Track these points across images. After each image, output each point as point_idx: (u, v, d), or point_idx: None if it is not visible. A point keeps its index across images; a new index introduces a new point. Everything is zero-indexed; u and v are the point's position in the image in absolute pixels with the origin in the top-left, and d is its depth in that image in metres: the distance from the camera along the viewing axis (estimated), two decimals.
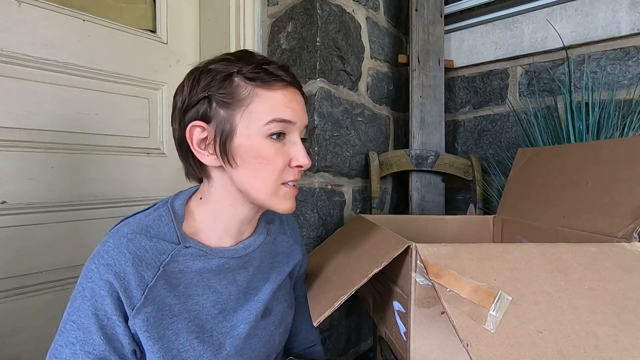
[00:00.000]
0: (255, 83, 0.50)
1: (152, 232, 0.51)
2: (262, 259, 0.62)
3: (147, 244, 0.49)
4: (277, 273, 0.64)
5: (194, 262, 0.52)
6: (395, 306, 0.63)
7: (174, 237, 0.52)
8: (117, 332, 0.46)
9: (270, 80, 0.51)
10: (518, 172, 0.98)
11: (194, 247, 0.52)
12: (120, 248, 0.47)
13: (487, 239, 1.03)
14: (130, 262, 0.47)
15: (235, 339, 0.55)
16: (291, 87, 0.54)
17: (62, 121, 0.92)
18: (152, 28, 1.14)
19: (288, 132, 0.53)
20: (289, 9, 1.12)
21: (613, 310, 0.45)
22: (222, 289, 0.55)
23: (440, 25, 1.34)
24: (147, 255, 0.49)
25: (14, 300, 0.85)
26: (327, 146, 1.08)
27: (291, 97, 0.53)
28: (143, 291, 0.47)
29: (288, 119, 0.52)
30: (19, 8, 0.86)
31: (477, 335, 0.42)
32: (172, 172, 1.16)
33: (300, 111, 0.54)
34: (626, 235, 0.59)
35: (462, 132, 1.42)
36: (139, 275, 0.47)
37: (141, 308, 0.47)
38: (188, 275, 0.52)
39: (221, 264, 0.55)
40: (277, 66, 0.53)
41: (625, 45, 1.11)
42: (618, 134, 1.05)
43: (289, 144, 0.53)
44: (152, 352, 0.48)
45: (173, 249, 0.51)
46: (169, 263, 0.50)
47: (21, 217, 0.86)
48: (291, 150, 0.53)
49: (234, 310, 0.56)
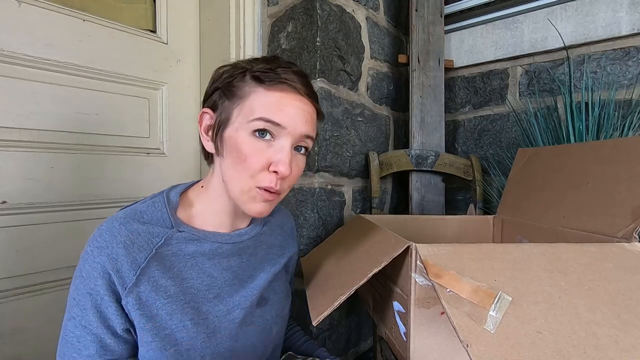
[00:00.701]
0: (258, 81, 0.52)
1: (145, 217, 0.53)
2: (257, 248, 0.63)
3: (140, 227, 0.51)
4: (272, 264, 0.65)
5: (186, 245, 0.54)
6: (395, 306, 0.63)
7: (167, 222, 0.54)
8: (109, 311, 0.49)
9: (272, 81, 0.52)
10: (518, 172, 0.98)
11: (187, 232, 0.54)
12: (112, 231, 0.50)
13: (487, 239, 1.03)
14: (122, 244, 0.49)
15: (230, 323, 0.56)
16: (295, 92, 0.52)
17: (62, 121, 0.93)
18: (152, 28, 1.14)
19: (277, 135, 0.52)
20: (289, 9, 1.12)
21: (613, 311, 0.45)
22: (217, 274, 0.56)
23: (440, 25, 1.34)
24: (140, 238, 0.51)
25: (14, 300, 0.85)
26: (327, 146, 1.09)
27: (288, 102, 0.52)
28: (135, 272, 0.49)
29: (276, 122, 0.51)
30: (19, 8, 0.86)
31: (477, 336, 0.42)
32: (172, 172, 1.16)
33: (296, 118, 0.52)
34: (626, 235, 0.59)
35: (462, 132, 1.42)
36: (130, 257, 0.49)
37: (133, 287, 0.49)
38: (182, 258, 0.53)
39: (214, 248, 0.56)
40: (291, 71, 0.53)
41: (625, 45, 1.11)
42: (618, 134, 1.05)
43: (275, 148, 0.52)
44: (145, 330, 0.49)
45: (166, 233, 0.53)
46: (162, 246, 0.52)
47: (21, 217, 0.86)
48: (275, 155, 0.51)
49: (229, 296, 0.57)
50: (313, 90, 0.56)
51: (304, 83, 0.54)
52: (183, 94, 1.19)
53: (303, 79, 0.54)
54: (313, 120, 0.55)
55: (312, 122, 0.55)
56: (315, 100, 0.56)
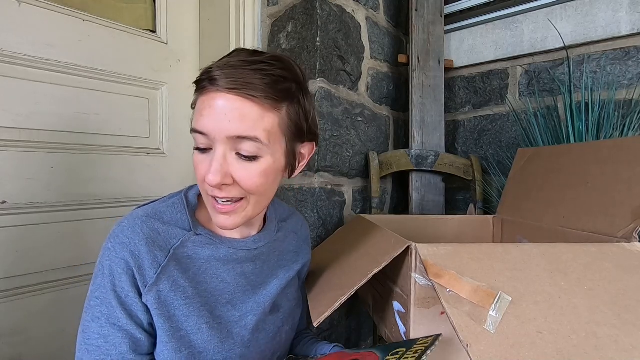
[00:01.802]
0: (197, 88, 0.50)
1: (165, 218, 0.53)
2: (271, 255, 0.62)
3: (160, 227, 0.51)
4: (285, 270, 0.64)
5: (202, 249, 0.54)
6: (395, 306, 0.63)
7: (186, 224, 0.54)
8: (134, 307, 0.48)
9: (202, 82, 0.48)
10: (518, 172, 0.98)
11: (204, 235, 0.54)
12: (134, 228, 0.49)
13: (487, 239, 1.03)
14: (144, 241, 0.49)
15: (243, 330, 0.56)
16: (215, 91, 0.46)
17: (62, 121, 0.92)
18: (152, 28, 1.14)
19: (212, 143, 0.47)
20: (289, 9, 1.12)
21: (613, 311, 0.45)
22: (231, 279, 0.56)
23: (440, 25, 1.34)
24: (160, 237, 0.51)
25: (14, 300, 0.85)
26: (327, 146, 1.09)
27: (208, 104, 0.46)
28: (156, 270, 0.49)
29: (198, 130, 0.47)
30: (19, 8, 0.86)
31: (477, 336, 0.42)
32: (172, 172, 1.16)
33: (217, 119, 0.45)
34: (626, 235, 0.59)
35: (462, 132, 1.42)
36: (152, 255, 0.49)
37: (153, 286, 0.49)
38: (197, 261, 0.53)
39: (229, 254, 0.56)
40: (225, 64, 0.47)
41: (625, 45, 1.11)
42: (618, 134, 1.05)
43: (211, 157, 0.47)
44: (162, 330, 0.49)
45: (184, 235, 0.53)
46: (179, 248, 0.52)
47: (21, 217, 0.86)
48: (209, 165, 0.47)
49: (242, 302, 0.57)
50: (250, 81, 0.46)
51: (233, 75, 0.45)
52: (183, 94, 1.19)
53: (235, 71, 0.46)
54: (245, 117, 0.46)
55: (241, 119, 0.45)
56: (250, 91, 0.46)
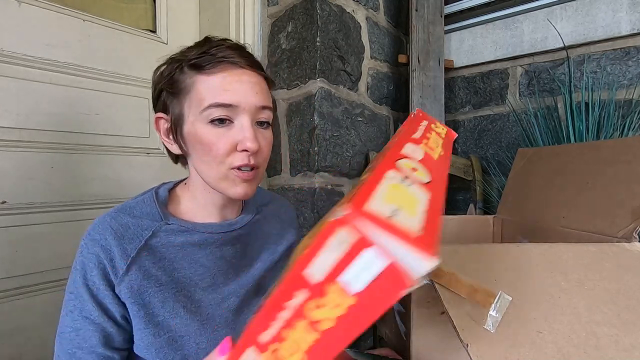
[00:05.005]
0: (196, 69, 0.51)
1: (135, 212, 0.55)
2: (252, 237, 0.63)
3: (130, 221, 0.53)
4: (269, 253, 0.65)
5: (175, 236, 0.55)
6: (395, 306, 0.63)
7: (157, 216, 0.55)
8: (106, 300, 0.50)
9: (209, 64, 0.50)
10: (518, 172, 0.98)
11: (175, 224, 0.55)
12: (104, 225, 0.52)
13: (487, 239, 1.03)
14: (113, 235, 0.51)
15: (225, 311, 0.57)
16: (236, 67, 0.51)
17: (62, 121, 0.92)
18: (152, 28, 1.14)
19: (234, 115, 0.51)
20: (289, 9, 1.12)
21: (613, 310, 0.45)
22: (210, 263, 0.57)
23: (440, 25, 1.34)
24: (129, 230, 0.52)
25: (14, 300, 0.85)
26: (327, 146, 1.08)
27: (232, 79, 0.51)
28: (126, 261, 0.51)
29: (227, 103, 0.50)
30: (19, 8, 0.86)
31: (477, 336, 0.42)
32: (172, 172, 1.15)
33: (246, 92, 0.51)
34: (626, 235, 0.59)
35: (462, 132, 1.42)
36: (121, 248, 0.51)
37: (124, 276, 0.50)
38: (171, 249, 0.54)
39: (204, 238, 0.56)
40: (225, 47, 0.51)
41: (625, 45, 1.11)
42: (618, 134, 1.05)
43: (236, 128, 0.51)
44: (138, 318, 0.51)
45: (155, 226, 0.54)
46: (151, 238, 0.53)
47: (21, 217, 0.86)
48: (238, 135, 0.51)
49: (224, 284, 0.58)
50: (255, 60, 0.54)
51: (242, 55, 0.52)
52: None
53: (240, 51, 0.52)
54: (264, 90, 0.54)
55: (263, 92, 0.53)
56: (259, 69, 0.54)
